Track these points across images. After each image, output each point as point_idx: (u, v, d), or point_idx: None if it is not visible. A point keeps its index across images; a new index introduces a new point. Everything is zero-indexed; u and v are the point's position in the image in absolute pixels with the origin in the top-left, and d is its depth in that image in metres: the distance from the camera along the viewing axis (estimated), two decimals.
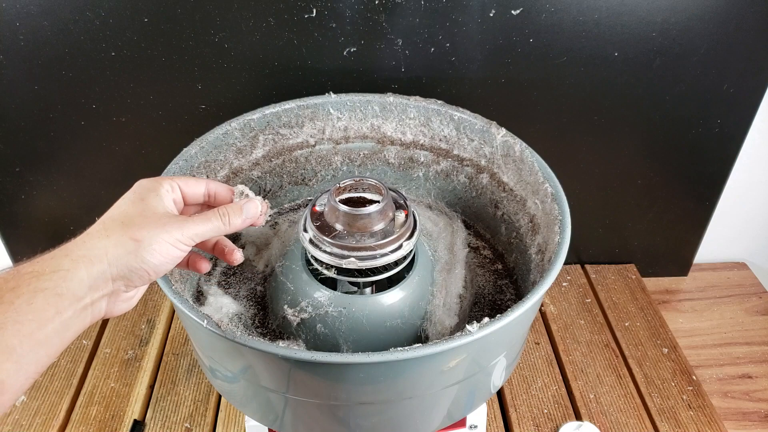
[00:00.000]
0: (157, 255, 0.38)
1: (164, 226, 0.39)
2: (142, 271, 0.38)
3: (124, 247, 0.37)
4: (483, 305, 0.61)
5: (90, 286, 0.36)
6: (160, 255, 0.38)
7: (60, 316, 0.34)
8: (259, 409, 0.51)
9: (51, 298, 0.34)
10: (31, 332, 0.33)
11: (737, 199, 0.89)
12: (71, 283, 0.35)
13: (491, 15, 0.66)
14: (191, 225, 0.40)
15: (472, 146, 0.64)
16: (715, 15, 0.67)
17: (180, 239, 0.39)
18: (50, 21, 0.64)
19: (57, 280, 0.34)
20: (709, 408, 0.71)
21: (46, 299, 0.34)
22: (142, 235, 0.37)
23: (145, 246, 0.37)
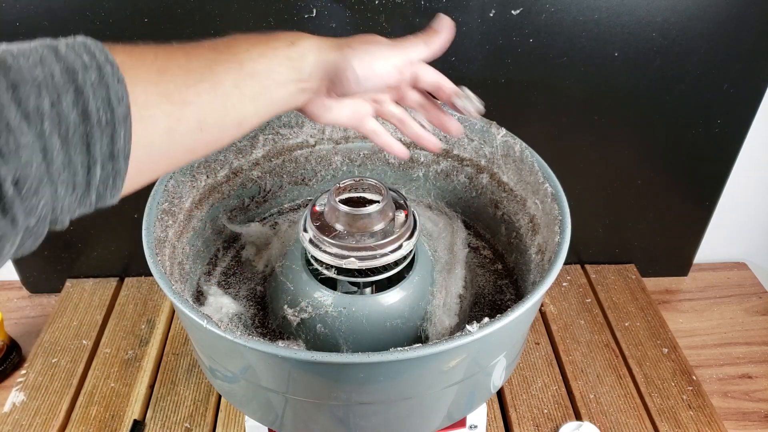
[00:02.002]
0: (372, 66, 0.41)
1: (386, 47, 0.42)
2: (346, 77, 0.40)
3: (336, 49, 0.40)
4: (483, 305, 0.61)
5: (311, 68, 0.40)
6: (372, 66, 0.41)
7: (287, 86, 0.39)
8: (259, 409, 0.51)
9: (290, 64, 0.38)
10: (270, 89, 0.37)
11: (737, 199, 0.89)
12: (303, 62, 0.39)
13: (491, 15, 0.66)
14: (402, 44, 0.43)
15: (472, 146, 0.64)
16: (715, 15, 0.67)
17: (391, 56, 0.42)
18: (50, 21, 0.64)
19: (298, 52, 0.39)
20: (709, 408, 0.71)
21: (288, 64, 0.38)
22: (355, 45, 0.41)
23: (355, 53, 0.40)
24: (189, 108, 0.33)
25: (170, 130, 0.32)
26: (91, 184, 0.28)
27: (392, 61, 0.42)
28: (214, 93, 0.34)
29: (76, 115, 0.27)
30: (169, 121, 0.32)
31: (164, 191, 0.54)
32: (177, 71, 0.33)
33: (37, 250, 0.37)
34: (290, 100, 0.40)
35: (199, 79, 0.33)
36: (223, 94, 0.35)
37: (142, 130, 0.30)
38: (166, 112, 0.31)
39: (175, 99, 0.32)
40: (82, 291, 0.84)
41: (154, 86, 0.31)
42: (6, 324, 0.81)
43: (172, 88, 0.32)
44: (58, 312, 0.81)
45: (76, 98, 0.27)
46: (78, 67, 0.28)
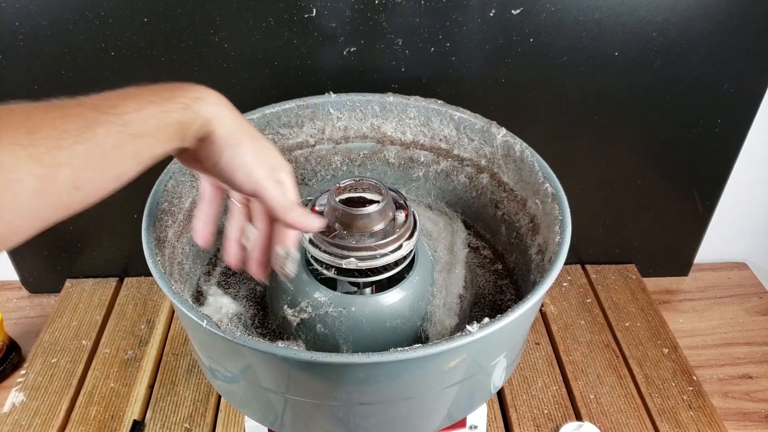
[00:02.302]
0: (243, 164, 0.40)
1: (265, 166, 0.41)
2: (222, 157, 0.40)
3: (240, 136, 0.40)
4: (483, 305, 0.61)
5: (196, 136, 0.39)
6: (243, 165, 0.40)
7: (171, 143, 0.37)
8: (259, 409, 0.51)
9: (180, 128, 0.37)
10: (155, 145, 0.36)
11: (737, 199, 0.89)
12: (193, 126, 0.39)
13: (491, 15, 0.66)
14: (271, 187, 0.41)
15: (472, 146, 0.64)
16: (715, 15, 0.67)
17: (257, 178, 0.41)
18: (50, 21, 0.64)
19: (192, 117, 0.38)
20: (710, 408, 0.71)
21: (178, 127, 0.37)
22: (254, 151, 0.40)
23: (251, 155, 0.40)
24: (62, 170, 0.31)
25: (41, 192, 0.30)
26: None
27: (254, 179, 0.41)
28: (91, 154, 0.32)
29: None
30: (40, 184, 0.30)
31: (164, 191, 0.54)
32: (50, 132, 0.31)
33: (37, 250, 0.37)
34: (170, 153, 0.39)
35: (75, 141, 0.32)
36: (101, 155, 0.33)
37: (8, 194, 0.29)
38: (36, 175, 0.30)
39: (47, 161, 0.30)
40: (82, 291, 0.84)
41: (22, 149, 0.29)
42: (5, 324, 0.81)
43: (43, 151, 0.30)
44: (57, 312, 0.81)
45: None
46: None
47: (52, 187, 0.31)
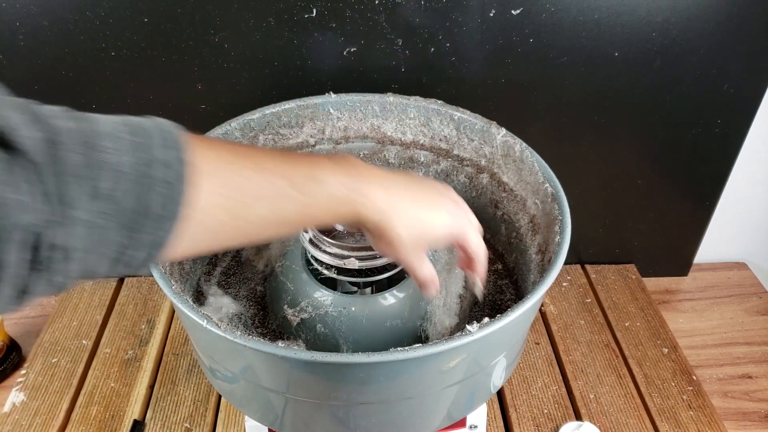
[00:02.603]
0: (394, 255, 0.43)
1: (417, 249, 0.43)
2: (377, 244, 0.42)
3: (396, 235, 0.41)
4: (483, 305, 0.61)
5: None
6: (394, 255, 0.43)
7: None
8: (259, 409, 0.51)
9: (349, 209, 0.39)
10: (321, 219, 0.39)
11: (737, 199, 0.89)
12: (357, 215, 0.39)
13: (491, 15, 0.66)
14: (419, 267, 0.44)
15: (472, 146, 0.64)
16: (715, 15, 0.67)
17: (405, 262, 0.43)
18: (50, 21, 0.64)
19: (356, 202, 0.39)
20: (709, 408, 0.71)
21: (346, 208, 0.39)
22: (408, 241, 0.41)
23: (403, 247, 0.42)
24: (242, 223, 0.35)
25: (218, 233, 0.34)
26: (130, 263, 0.30)
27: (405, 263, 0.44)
28: (269, 220, 0.36)
29: (134, 204, 0.29)
30: (221, 228, 0.34)
31: None
32: (247, 192, 0.34)
33: None
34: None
35: (263, 205, 0.35)
36: (277, 223, 0.37)
37: (193, 229, 0.31)
38: (220, 221, 0.33)
39: (234, 215, 0.34)
40: (82, 291, 0.84)
41: (220, 198, 0.33)
42: (6, 324, 0.81)
43: (234, 205, 0.34)
44: (58, 312, 0.81)
45: (143, 191, 0.29)
46: (154, 161, 0.29)
47: (229, 233, 0.35)
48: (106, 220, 0.28)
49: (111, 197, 0.28)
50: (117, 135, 0.29)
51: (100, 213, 0.28)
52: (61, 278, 0.28)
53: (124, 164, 0.28)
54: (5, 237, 0.24)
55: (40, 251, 0.26)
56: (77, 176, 0.27)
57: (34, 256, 0.26)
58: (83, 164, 0.27)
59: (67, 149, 0.27)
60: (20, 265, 0.26)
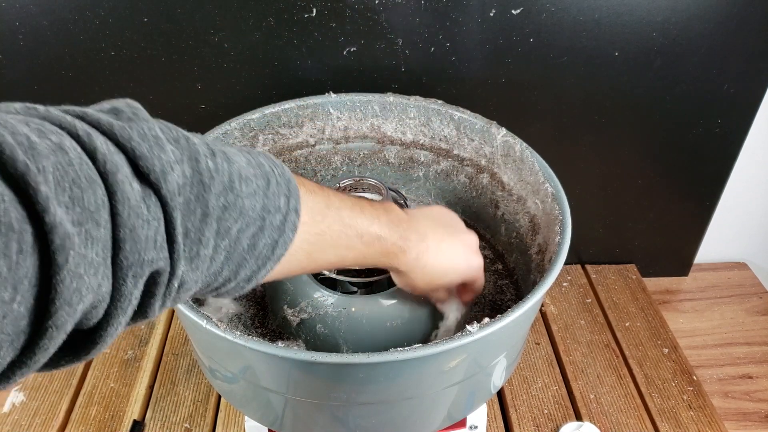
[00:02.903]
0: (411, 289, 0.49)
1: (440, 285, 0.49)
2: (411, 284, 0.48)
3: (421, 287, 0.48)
4: (483, 305, 0.61)
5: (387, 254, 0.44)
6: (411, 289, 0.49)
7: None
8: (259, 409, 0.51)
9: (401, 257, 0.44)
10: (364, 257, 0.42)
11: (737, 199, 0.89)
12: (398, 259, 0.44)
13: (491, 15, 0.66)
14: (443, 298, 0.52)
15: (472, 146, 0.64)
16: (715, 15, 0.67)
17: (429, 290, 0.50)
18: (50, 21, 0.64)
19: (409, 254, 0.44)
20: (710, 408, 0.71)
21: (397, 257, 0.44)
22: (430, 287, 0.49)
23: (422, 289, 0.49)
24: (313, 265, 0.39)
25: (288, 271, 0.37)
26: (221, 292, 0.33)
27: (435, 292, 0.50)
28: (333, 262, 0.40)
29: (248, 244, 0.31)
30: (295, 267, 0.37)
31: None
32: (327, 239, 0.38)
33: None
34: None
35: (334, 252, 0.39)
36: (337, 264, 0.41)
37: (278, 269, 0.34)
38: (299, 262, 0.36)
39: (312, 258, 0.37)
40: None
41: (307, 245, 0.36)
42: None
43: (314, 250, 0.37)
44: None
45: (256, 232, 0.31)
46: (273, 207, 0.32)
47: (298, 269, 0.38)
48: (221, 254, 0.30)
49: (233, 236, 0.30)
50: (249, 178, 0.31)
51: (221, 250, 0.30)
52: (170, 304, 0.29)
53: (252, 208, 0.31)
54: (132, 272, 0.25)
55: (163, 284, 0.27)
56: (212, 216, 0.28)
57: (154, 288, 0.26)
58: (219, 206, 0.29)
59: (212, 191, 0.28)
60: (140, 296, 0.26)
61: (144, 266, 0.25)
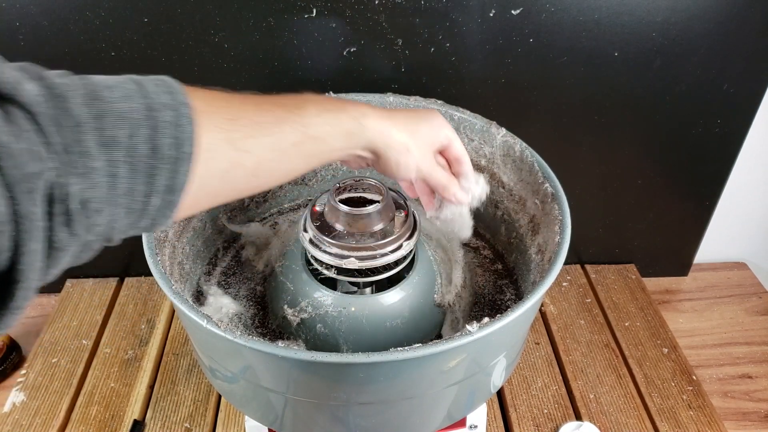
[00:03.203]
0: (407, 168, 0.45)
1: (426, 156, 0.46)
2: (392, 167, 0.44)
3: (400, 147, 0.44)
4: (483, 305, 0.61)
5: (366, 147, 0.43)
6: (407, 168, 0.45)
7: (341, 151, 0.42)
8: (259, 409, 0.51)
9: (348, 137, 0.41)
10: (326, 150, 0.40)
11: (737, 199, 0.89)
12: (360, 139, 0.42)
13: (491, 15, 0.66)
14: (435, 170, 0.47)
15: (472, 146, 0.64)
16: (715, 15, 0.67)
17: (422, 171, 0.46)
18: (50, 21, 0.64)
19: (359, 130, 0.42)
20: (709, 408, 0.71)
21: (347, 136, 0.41)
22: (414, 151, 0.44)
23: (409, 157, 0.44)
24: (249, 156, 0.35)
25: (227, 172, 0.35)
26: (147, 211, 0.31)
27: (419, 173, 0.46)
28: (274, 147, 0.37)
29: (147, 148, 0.29)
30: (228, 165, 0.35)
31: None
32: (245, 122, 0.35)
33: None
34: (334, 159, 0.43)
35: (265, 133, 0.36)
36: (282, 150, 0.37)
37: (202, 170, 0.32)
38: (228, 158, 0.34)
39: (239, 146, 0.35)
40: (82, 291, 0.84)
41: (222, 132, 0.34)
42: None
43: (237, 137, 0.35)
44: (58, 312, 0.81)
45: (151, 134, 0.30)
46: (157, 105, 0.30)
47: (237, 170, 0.35)
48: (122, 167, 0.28)
49: (123, 144, 0.28)
50: (119, 85, 0.30)
51: (115, 161, 0.28)
52: (84, 232, 0.28)
53: (132, 111, 0.29)
54: (22, 188, 0.25)
55: (60, 202, 0.27)
56: (86, 126, 0.27)
57: (53, 207, 0.26)
58: (90, 114, 0.28)
59: (72, 101, 0.27)
60: (43, 217, 0.26)
61: (32, 180, 0.25)
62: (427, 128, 0.46)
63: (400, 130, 0.44)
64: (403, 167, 0.44)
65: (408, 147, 0.44)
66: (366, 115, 0.42)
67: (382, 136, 0.43)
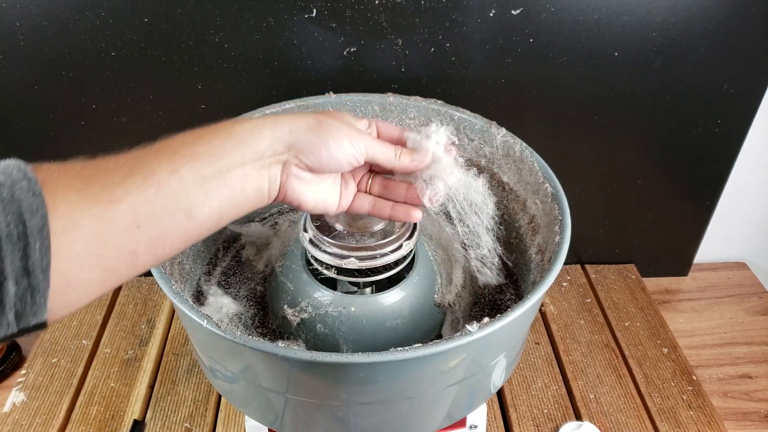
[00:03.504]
0: (336, 142, 0.39)
1: (349, 125, 0.41)
2: (317, 150, 0.39)
3: (306, 122, 0.39)
4: (483, 305, 0.61)
5: (270, 143, 0.37)
6: (337, 143, 0.39)
7: (243, 165, 0.36)
8: (259, 409, 0.51)
9: (239, 144, 0.36)
10: (220, 169, 0.35)
11: (737, 199, 0.89)
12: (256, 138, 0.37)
13: (491, 15, 0.66)
14: (370, 139, 0.42)
15: (472, 146, 0.64)
16: (715, 15, 0.67)
17: (358, 140, 0.41)
18: (50, 21, 0.64)
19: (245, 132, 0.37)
20: (709, 408, 0.71)
21: (235, 144, 0.36)
22: (328, 122, 0.40)
23: (327, 129, 0.39)
24: (119, 206, 0.30)
25: (100, 235, 0.30)
26: (4, 303, 0.27)
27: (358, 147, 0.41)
28: (146, 185, 0.32)
29: None
30: (98, 225, 0.30)
31: None
32: (103, 173, 0.31)
33: None
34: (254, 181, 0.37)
35: (127, 174, 0.31)
36: (157, 184, 0.32)
37: (66, 240, 0.28)
38: (93, 216, 0.30)
39: (102, 199, 0.30)
40: None
41: (78, 192, 0.30)
42: None
43: (97, 190, 0.30)
44: None
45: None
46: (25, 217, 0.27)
47: (111, 227, 0.30)
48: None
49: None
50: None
51: None
52: None
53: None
54: None
55: None
56: None
57: None
58: None
59: None
60: None
61: None
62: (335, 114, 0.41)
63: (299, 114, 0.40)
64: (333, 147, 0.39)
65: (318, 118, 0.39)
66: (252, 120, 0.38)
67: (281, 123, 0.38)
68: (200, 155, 0.35)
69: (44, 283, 0.28)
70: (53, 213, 0.28)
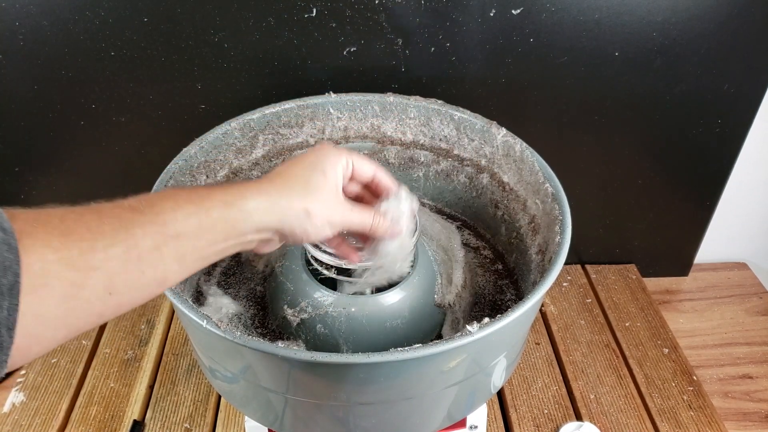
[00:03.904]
0: (317, 231, 0.42)
1: (333, 207, 0.42)
2: (300, 237, 0.41)
3: (296, 215, 0.40)
4: (483, 305, 0.61)
5: (257, 230, 0.39)
6: (318, 231, 0.42)
7: (224, 243, 0.37)
8: (259, 409, 0.51)
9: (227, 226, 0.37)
10: (202, 249, 0.36)
11: (737, 199, 0.89)
12: (245, 224, 0.38)
13: (491, 15, 0.66)
14: (348, 213, 0.44)
15: (472, 146, 0.64)
16: (715, 15, 0.67)
17: (338, 221, 0.43)
18: (50, 21, 0.64)
19: (237, 215, 0.37)
20: (710, 408, 0.71)
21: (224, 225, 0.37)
22: (315, 210, 0.41)
23: (314, 218, 0.41)
24: (95, 273, 0.30)
25: (71, 298, 0.30)
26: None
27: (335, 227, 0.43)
28: (127, 256, 0.31)
29: None
30: (71, 290, 0.29)
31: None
32: (84, 234, 0.30)
33: None
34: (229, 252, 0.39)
35: (110, 243, 0.31)
36: (138, 257, 0.32)
37: (36, 299, 0.28)
38: (67, 280, 0.29)
39: (79, 265, 0.30)
40: None
41: (55, 253, 0.29)
42: None
43: (75, 254, 0.30)
44: None
45: None
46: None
47: (83, 292, 0.30)
48: None
49: None
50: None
51: None
52: None
53: None
54: None
55: None
56: None
57: None
58: None
59: None
60: None
61: None
62: (320, 175, 0.41)
63: (289, 196, 0.40)
64: (312, 233, 0.41)
65: (307, 210, 0.40)
66: (243, 196, 0.38)
67: (271, 212, 0.39)
68: (186, 236, 0.35)
69: (8, 341, 0.27)
70: (26, 271, 0.27)
